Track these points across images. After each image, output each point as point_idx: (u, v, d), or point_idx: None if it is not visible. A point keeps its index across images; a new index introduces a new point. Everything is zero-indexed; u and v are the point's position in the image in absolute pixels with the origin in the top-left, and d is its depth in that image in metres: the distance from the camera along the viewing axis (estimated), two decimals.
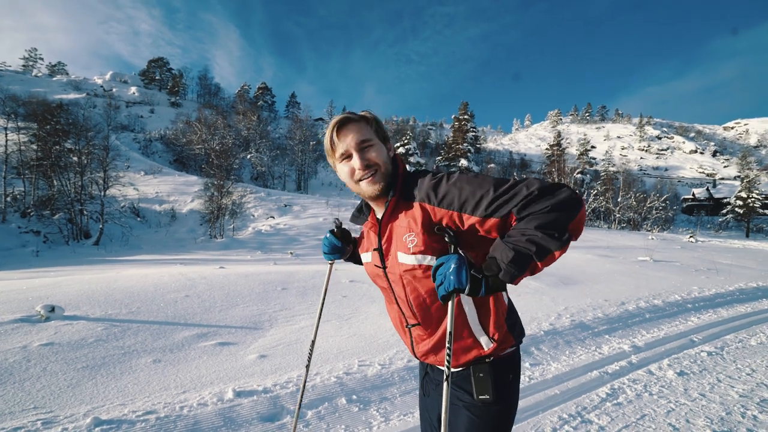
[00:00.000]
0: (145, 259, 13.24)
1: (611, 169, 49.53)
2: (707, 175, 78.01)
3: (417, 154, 43.60)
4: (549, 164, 48.57)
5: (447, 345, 1.04)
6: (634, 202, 37.30)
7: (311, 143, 44.32)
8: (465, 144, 47.43)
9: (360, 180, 1.11)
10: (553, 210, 0.89)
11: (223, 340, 3.79)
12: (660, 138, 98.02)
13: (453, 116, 51.87)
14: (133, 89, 62.66)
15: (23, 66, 68.34)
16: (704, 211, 51.38)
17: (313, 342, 1.61)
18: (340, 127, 1.10)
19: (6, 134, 23.89)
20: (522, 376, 3.18)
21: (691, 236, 23.06)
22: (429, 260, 1.07)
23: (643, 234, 25.45)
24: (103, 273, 7.57)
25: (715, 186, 62.68)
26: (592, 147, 55.78)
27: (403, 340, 1.32)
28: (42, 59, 71.37)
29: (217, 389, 2.76)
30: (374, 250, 1.23)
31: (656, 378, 3.22)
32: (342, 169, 1.14)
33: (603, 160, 52.93)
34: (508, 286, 1.09)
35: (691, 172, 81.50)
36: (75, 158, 21.57)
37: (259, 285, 5.68)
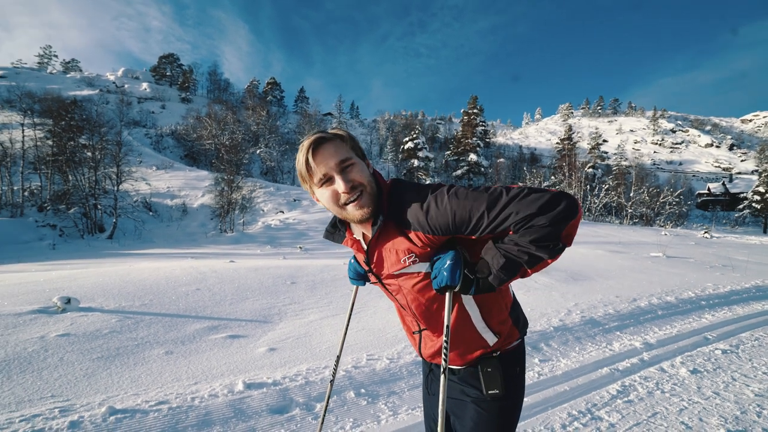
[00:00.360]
0: (157, 253, 13.47)
1: (623, 163, 48.67)
2: (723, 169, 76.14)
3: (426, 148, 43.39)
4: (559, 158, 47.89)
5: (444, 338, 1.05)
6: (647, 197, 36.62)
7: None
8: (474, 138, 46.99)
9: (346, 203, 1.02)
10: (549, 225, 0.89)
11: (233, 332, 3.84)
12: (674, 131, 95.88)
13: (462, 110, 51.38)
14: (145, 85, 63.36)
15: (39, 63, 69.54)
16: (720, 206, 50.21)
17: (338, 358, 1.57)
18: (316, 147, 0.99)
19: (23, 130, 24.42)
20: (531, 372, 3.17)
21: (705, 232, 22.60)
22: (427, 267, 1.06)
23: (655, 229, 25.02)
24: (117, 266, 7.73)
25: (731, 180, 61.18)
26: (604, 141, 54.81)
27: (411, 343, 1.32)
28: (56, 56, 72.57)
29: (227, 381, 2.80)
30: (367, 272, 1.20)
31: (668, 376, 3.17)
32: (323, 194, 1.04)
33: (615, 154, 52.00)
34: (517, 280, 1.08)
35: (706, 166, 79.64)
36: (89, 153, 21.99)
37: (268, 279, 5.74)
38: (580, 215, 0.91)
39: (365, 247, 1.14)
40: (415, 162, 41.87)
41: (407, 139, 44.07)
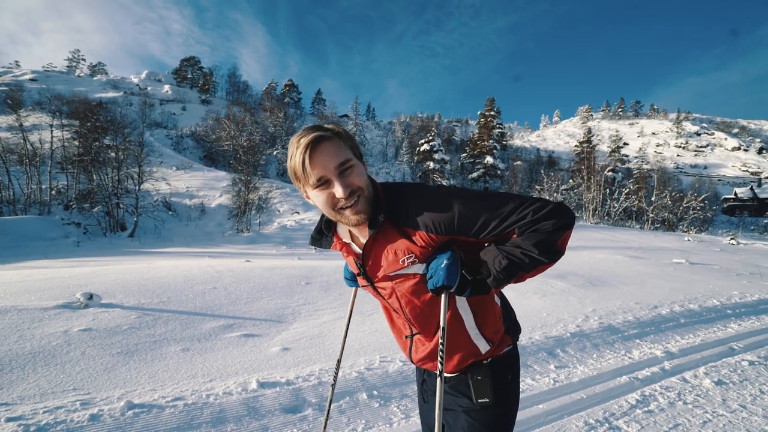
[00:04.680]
0: (176, 252, 13.78)
1: (645, 166, 47.28)
2: (751, 173, 73.18)
3: (442, 150, 43.18)
4: (578, 162, 46.93)
5: (440, 342, 1.02)
6: (670, 202, 35.48)
7: None
8: (491, 141, 46.49)
9: (343, 208, 0.97)
10: (553, 230, 0.92)
11: (248, 331, 3.89)
12: (699, 134, 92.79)
13: (479, 112, 50.91)
14: (167, 87, 65.08)
15: (67, 67, 72.40)
16: (747, 211, 48.25)
17: (339, 362, 1.56)
18: (314, 147, 0.92)
19: (52, 131, 25.42)
20: (546, 378, 3.10)
21: (732, 238, 21.75)
22: (424, 269, 1.03)
23: (678, 235, 24.22)
24: (137, 264, 7.94)
25: (760, 185, 58.70)
26: (625, 144, 53.37)
27: (401, 347, 1.28)
28: (84, 60, 75.47)
29: (241, 379, 2.84)
30: (357, 275, 1.16)
31: (691, 386, 3.06)
32: (318, 197, 0.98)
33: (636, 157, 50.64)
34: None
35: (733, 170, 76.74)
36: (112, 154, 22.70)
37: (283, 279, 5.79)
38: (572, 227, 0.97)
39: (357, 249, 1.10)
40: (431, 164, 41.69)
41: (423, 141, 43.94)
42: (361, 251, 1.08)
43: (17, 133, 24.18)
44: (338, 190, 0.94)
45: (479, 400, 1.10)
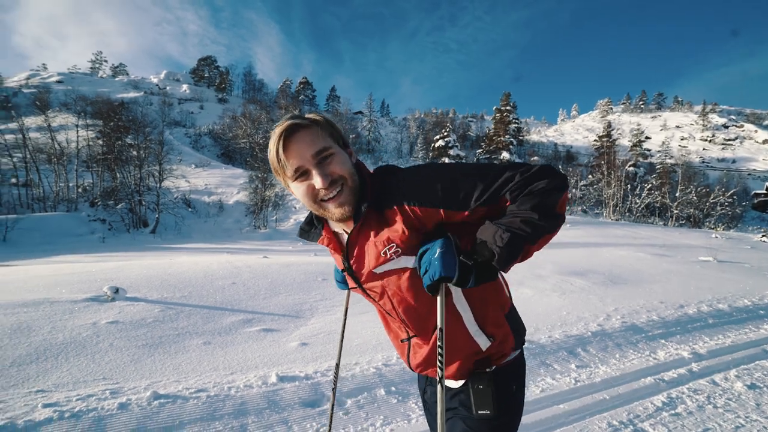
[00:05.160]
0: (196, 247, 14.11)
1: (668, 161, 45.76)
2: None
3: (457, 146, 42.84)
4: (598, 156, 45.77)
5: (438, 344, 0.91)
6: (695, 197, 34.27)
7: (351, 136, 44.79)
8: (507, 136, 45.84)
9: (324, 199, 0.90)
10: (548, 189, 0.84)
11: (266, 326, 3.95)
12: (727, 127, 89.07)
13: (494, 107, 50.22)
14: (185, 87, 66.44)
15: (91, 68, 74.64)
16: None
17: (338, 365, 1.47)
18: (288, 136, 0.87)
19: (77, 131, 26.32)
20: (567, 378, 3.05)
21: (763, 235, 20.87)
22: (414, 262, 0.92)
23: (705, 232, 23.39)
24: (159, 259, 8.16)
25: None
26: (647, 138, 51.73)
27: (398, 353, 1.18)
28: (106, 61, 77.64)
29: (261, 373, 2.88)
30: (343, 270, 1.07)
31: (722, 390, 2.95)
32: (298, 189, 0.92)
33: (659, 151, 48.96)
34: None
35: (764, 164, 73.44)
36: (134, 152, 23.33)
37: (300, 275, 5.86)
38: (568, 188, 0.90)
39: (344, 244, 1.01)
40: (446, 160, 41.42)
41: (438, 137, 43.67)
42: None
43: (45, 133, 25.14)
44: (317, 180, 0.87)
45: (479, 411, 1.00)
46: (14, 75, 61.60)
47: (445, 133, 42.92)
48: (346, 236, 1.01)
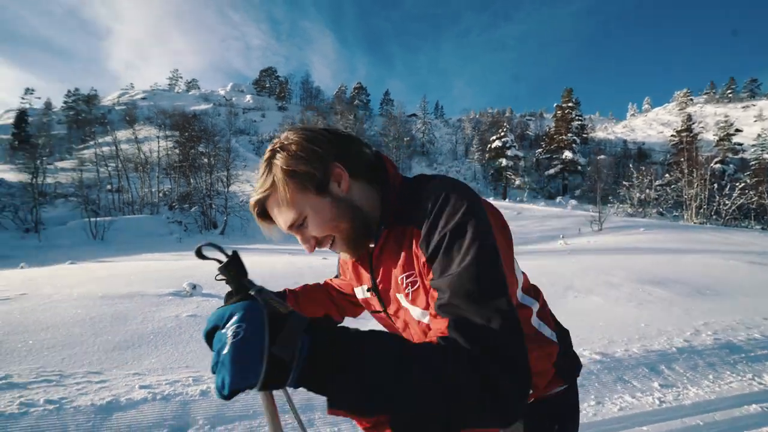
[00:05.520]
0: (260, 248, 15.04)
1: (765, 156, 39.96)
2: None
3: (515, 146, 41.22)
4: (676, 153, 41.31)
5: None
6: None
7: (405, 139, 45.08)
8: (569, 134, 43.14)
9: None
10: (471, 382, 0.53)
11: None
12: None
13: (555, 105, 47.56)
14: (248, 97, 71.44)
15: (169, 84, 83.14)
16: None
17: None
18: (259, 218, 0.79)
19: (158, 142, 29.41)
20: (650, 398, 2.77)
21: None
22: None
23: None
24: None
25: None
26: (737, 130, 45.58)
27: None
28: (182, 77, 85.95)
29: None
30: (368, 289, 0.89)
31: None
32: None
33: (753, 145, 42.92)
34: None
35: None
36: (205, 160, 25.54)
37: None
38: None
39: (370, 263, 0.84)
40: (504, 161, 40.00)
41: (494, 137, 42.31)
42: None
43: (133, 144, 28.47)
44: (304, 246, 0.78)
45: None
46: (109, 94, 70.60)
47: (502, 133, 41.45)
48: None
